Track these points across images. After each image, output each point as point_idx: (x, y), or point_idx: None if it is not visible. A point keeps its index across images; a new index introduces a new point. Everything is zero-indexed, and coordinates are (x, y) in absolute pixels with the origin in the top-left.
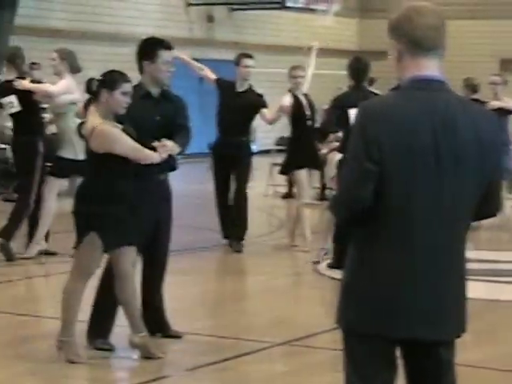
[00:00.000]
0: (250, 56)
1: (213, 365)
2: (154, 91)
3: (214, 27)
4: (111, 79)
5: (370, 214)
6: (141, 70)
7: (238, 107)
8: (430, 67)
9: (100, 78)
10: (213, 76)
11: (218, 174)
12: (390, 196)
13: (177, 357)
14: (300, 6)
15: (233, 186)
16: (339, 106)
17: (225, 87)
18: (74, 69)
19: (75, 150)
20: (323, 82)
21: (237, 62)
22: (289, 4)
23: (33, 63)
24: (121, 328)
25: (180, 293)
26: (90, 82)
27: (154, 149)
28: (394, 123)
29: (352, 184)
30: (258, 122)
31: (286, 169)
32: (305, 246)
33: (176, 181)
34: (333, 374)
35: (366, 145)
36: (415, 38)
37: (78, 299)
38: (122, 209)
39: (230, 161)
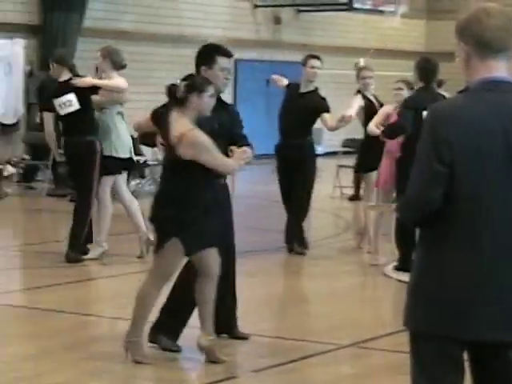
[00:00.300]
0: (317, 57)
1: (278, 366)
2: None
3: (281, 29)
4: (199, 83)
5: (439, 215)
6: (198, 74)
7: (300, 108)
8: (498, 69)
9: (184, 82)
10: (285, 82)
11: (282, 176)
12: (459, 197)
13: (242, 358)
14: (367, 7)
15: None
16: (412, 107)
17: (290, 88)
18: (117, 65)
19: (115, 148)
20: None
21: (304, 63)
22: (356, 5)
23: None
24: (189, 329)
25: (246, 294)
26: (172, 87)
27: (227, 155)
28: (463, 125)
29: (422, 186)
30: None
31: (360, 168)
32: (370, 248)
33: (242, 182)
34: (399, 377)
35: (436, 146)
36: (484, 40)
37: (151, 303)
38: (202, 212)
39: (293, 162)
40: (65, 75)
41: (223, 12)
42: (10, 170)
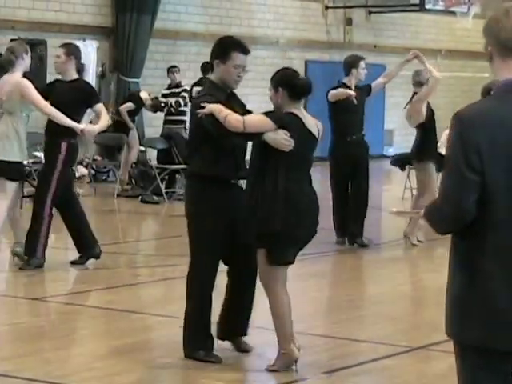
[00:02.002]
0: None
1: (348, 368)
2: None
3: (352, 30)
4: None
5: (476, 225)
6: (212, 68)
7: (354, 106)
8: None
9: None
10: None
11: (338, 174)
12: (496, 206)
13: (313, 359)
14: (439, 8)
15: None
16: None
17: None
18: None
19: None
20: (463, 84)
21: (353, 65)
22: (428, 6)
23: (172, 66)
24: (258, 330)
25: (314, 296)
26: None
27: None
28: (491, 127)
29: (454, 195)
30: (394, 126)
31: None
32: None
33: None
34: None
35: (466, 153)
36: (501, 40)
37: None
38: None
39: (350, 159)
40: None
41: (294, 13)
42: (82, 170)
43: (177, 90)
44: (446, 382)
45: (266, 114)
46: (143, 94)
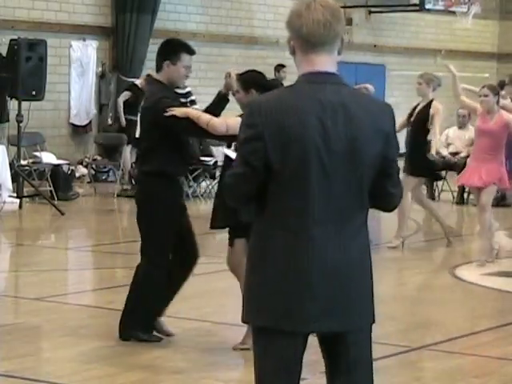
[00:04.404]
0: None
1: None
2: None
3: (352, 30)
4: None
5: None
6: (160, 68)
7: None
8: (320, 63)
9: None
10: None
11: None
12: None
13: (313, 359)
14: (439, 8)
15: None
16: None
17: None
18: None
19: None
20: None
21: None
22: (428, 6)
23: None
24: None
25: None
26: None
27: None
28: (279, 115)
29: (239, 180)
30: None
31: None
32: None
33: None
34: (472, 380)
35: (250, 140)
36: (302, 34)
37: None
38: None
39: None
40: None
41: None
42: (82, 170)
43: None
44: (445, 382)
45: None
46: (138, 81)
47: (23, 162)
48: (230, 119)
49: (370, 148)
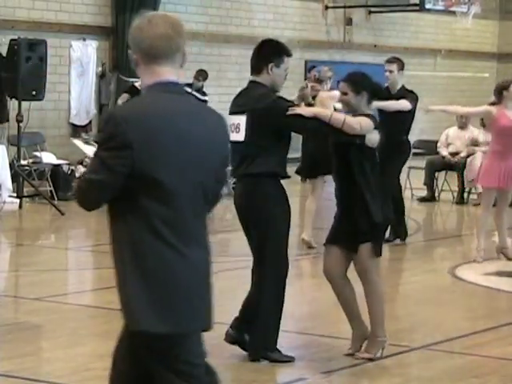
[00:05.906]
0: (388, 60)
1: (348, 368)
2: None
3: (352, 30)
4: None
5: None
6: (260, 71)
7: None
8: (164, 74)
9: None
10: None
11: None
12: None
13: (313, 359)
14: (439, 8)
15: None
16: None
17: None
18: None
19: None
20: (463, 84)
21: None
22: (428, 6)
23: None
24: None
25: (316, 296)
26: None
27: None
28: (147, 124)
29: (99, 188)
30: None
31: None
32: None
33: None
34: (472, 380)
35: (116, 149)
36: (144, 48)
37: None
38: None
39: None
40: None
41: (294, 13)
42: (82, 170)
43: None
44: (445, 382)
45: (358, 115)
46: (138, 83)
47: (23, 162)
48: (361, 119)
49: (218, 153)
